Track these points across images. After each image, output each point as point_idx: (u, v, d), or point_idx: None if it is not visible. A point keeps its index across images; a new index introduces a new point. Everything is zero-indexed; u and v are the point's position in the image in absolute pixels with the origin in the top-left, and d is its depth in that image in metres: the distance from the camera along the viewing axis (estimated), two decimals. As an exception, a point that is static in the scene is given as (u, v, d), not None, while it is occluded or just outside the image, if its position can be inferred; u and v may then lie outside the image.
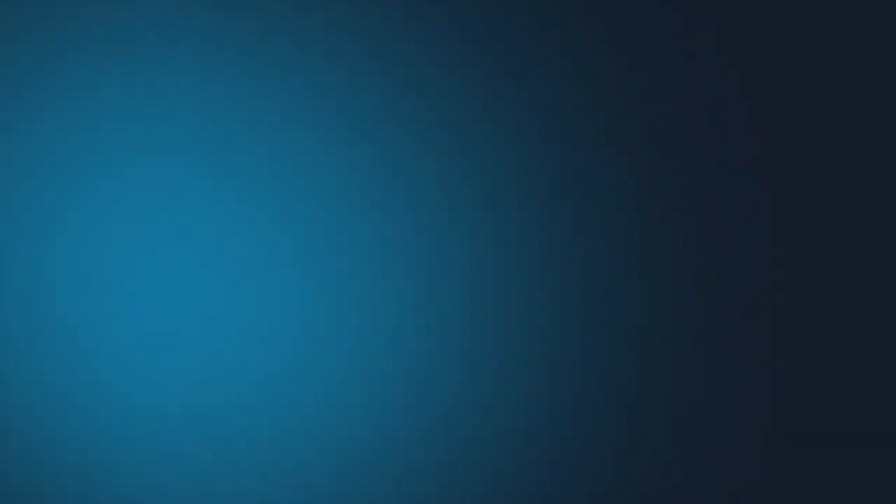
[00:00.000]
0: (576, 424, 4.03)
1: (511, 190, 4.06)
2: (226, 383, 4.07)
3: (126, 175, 4.11)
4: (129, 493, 4.07)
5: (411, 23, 4.08)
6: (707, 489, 4.00)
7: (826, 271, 4.02)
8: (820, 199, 4.04)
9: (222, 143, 4.10)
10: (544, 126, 4.04)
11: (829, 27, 4.06)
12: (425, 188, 4.08)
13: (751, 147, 4.02)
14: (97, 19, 4.13)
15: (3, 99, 4.13)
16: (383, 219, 4.08)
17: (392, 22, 4.09)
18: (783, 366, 3.99)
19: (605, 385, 4.03)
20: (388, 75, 4.09)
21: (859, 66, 4.06)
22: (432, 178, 4.07)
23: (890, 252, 4.02)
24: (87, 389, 4.08)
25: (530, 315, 4.05)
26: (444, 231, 4.07)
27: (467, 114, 4.07)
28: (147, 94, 4.12)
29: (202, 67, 4.11)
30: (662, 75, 4.02)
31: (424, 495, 4.05)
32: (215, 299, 4.07)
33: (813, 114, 4.06)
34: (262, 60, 4.11)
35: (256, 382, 4.07)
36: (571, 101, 4.02)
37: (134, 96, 4.12)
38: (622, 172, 4.01)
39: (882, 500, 3.96)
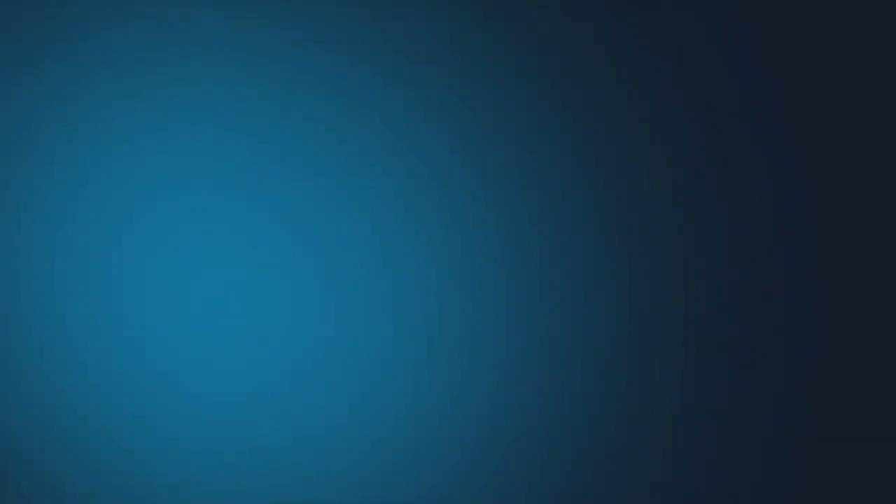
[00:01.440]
0: (605, 428, 4.04)
1: (534, 190, 4.06)
2: (233, 384, 4.07)
3: (138, 176, 4.11)
4: (132, 494, 4.07)
5: (431, 22, 4.07)
6: (732, 494, 4.02)
7: (868, 274, 4.03)
8: (844, 199, 4.06)
9: (235, 144, 4.10)
10: (568, 126, 4.04)
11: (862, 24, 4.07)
12: (444, 189, 4.08)
13: (783, 152, 4.04)
14: (106, 20, 4.12)
15: (9, 100, 4.12)
16: (399, 220, 4.07)
17: (409, 20, 4.08)
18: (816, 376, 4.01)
19: (630, 387, 4.04)
20: (405, 74, 4.08)
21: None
22: (451, 179, 4.07)
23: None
24: (91, 390, 4.08)
25: (548, 316, 4.06)
26: (458, 232, 4.07)
27: (486, 114, 4.06)
28: (158, 95, 4.11)
29: (212, 68, 4.11)
30: (686, 73, 4.03)
31: (434, 497, 4.06)
32: (226, 301, 4.07)
33: (842, 114, 4.07)
34: (271, 61, 4.10)
35: (267, 384, 4.07)
36: (596, 99, 4.03)
37: (145, 97, 4.11)
38: (650, 172, 4.02)
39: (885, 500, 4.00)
